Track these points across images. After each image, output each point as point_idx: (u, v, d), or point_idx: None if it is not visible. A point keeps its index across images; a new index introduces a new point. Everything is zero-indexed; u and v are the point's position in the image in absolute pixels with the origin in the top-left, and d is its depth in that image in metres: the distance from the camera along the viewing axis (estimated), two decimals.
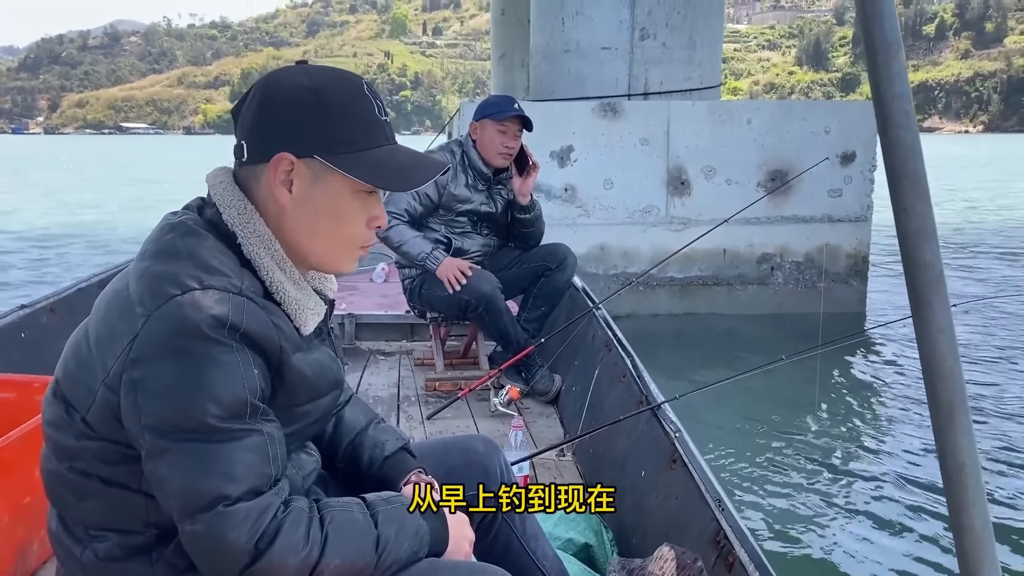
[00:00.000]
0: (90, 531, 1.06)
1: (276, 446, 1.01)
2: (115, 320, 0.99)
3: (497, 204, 3.29)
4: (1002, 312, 7.03)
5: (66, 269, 9.95)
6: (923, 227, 0.68)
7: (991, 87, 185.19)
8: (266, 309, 1.03)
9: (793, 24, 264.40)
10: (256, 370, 0.99)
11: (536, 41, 7.70)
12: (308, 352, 1.11)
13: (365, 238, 1.13)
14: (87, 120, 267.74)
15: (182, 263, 0.99)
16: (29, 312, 2.90)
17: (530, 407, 3.18)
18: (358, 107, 1.07)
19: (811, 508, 3.44)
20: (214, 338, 0.95)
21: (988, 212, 16.75)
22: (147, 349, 0.95)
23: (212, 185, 1.09)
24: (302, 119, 1.05)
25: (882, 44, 0.68)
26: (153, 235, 1.06)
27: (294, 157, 1.05)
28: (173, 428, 0.95)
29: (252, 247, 1.06)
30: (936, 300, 0.68)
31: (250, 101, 1.08)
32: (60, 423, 1.04)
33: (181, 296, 0.96)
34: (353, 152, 1.06)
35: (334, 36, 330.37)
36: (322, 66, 1.11)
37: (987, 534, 0.70)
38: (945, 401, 0.69)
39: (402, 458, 1.35)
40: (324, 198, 1.08)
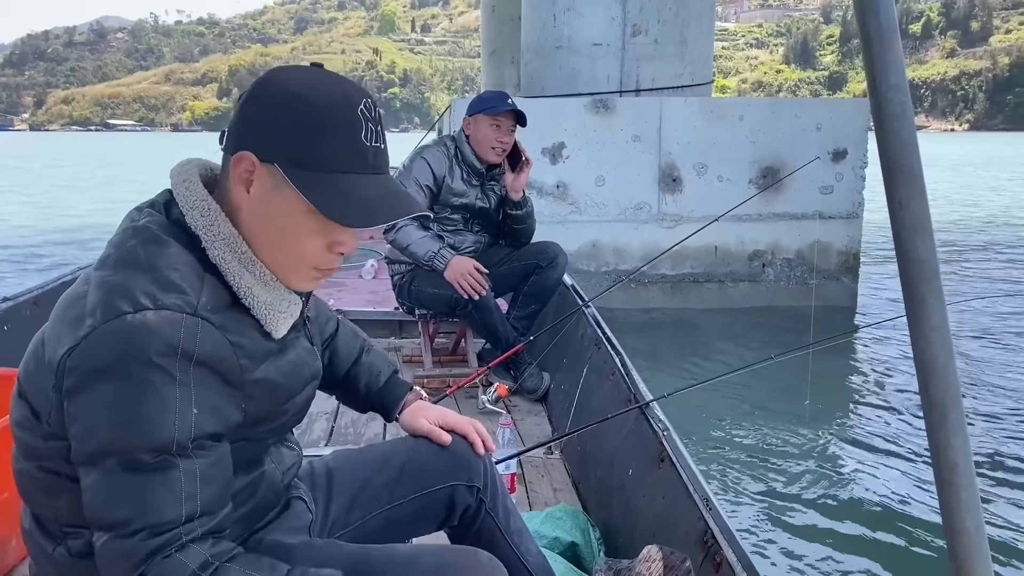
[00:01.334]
0: (64, 528, 1.04)
1: (196, 483, 0.95)
2: (67, 325, 0.95)
3: (490, 200, 3.28)
4: (996, 311, 7.05)
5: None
6: (918, 222, 0.67)
7: (976, 85, 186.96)
8: (223, 328, 0.98)
9: (781, 23, 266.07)
10: (195, 408, 0.94)
11: (527, 37, 7.67)
12: (280, 356, 1.08)
13: (323, 261, 1.06)
14: (73, 117, 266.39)
15: (139, 276, 0.95)
16: (12, 305, 2.87)
17: (518, 405, 3.18)
18: (343, 125, 1.00)
19: (800, 508, 3.43)
20: (159, 365, 0.91)
21: (988, 211, 16.84)
22: (86, 361, 0.91)
23: (175, 183, 1.04)
24: (276, 123, 0.99)
25: (877, 34, 0.66)
26: (116, 238, 1.01)
27: (256, 159, 0.99)
28: (96, 447, 0.92)
29: (217, 251, 1.01)
30: (931, 297, 0.67)
31: (244, 92, 1.04)
32: (26, 423, 1.02)
33: (132, 315, 0.92)
34: (319, 172, 0.98)
35: (322, 33, 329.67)
36: (329, 73, 1.05)
37: (980, 536, 0.69)
38: (938, 400, 0.68)
39: (395, 385, 1.46)
40: (279, 209, 1.01)
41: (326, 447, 2.62)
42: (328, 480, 1.34)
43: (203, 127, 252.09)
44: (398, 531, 1.38)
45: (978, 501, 0.69)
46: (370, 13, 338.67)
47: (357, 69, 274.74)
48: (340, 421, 2.93)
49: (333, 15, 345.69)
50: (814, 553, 3.09)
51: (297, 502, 1.25)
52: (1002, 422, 4.45)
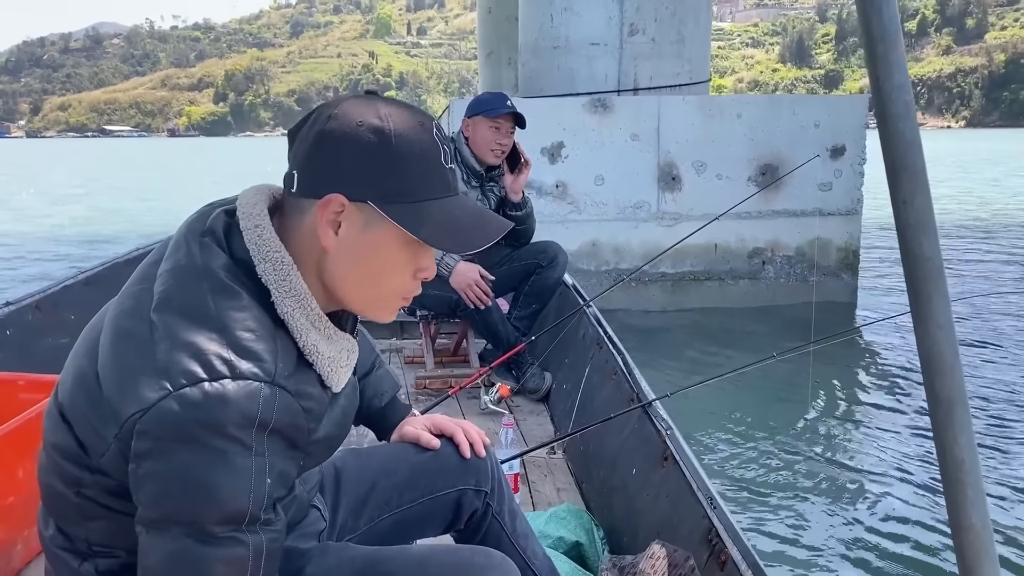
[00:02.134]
0: (94, 547, 1.03)
1: (260, 561, 0.94)
2: (132, 372, 0.91)
3: (490, 201, 3.28)
4: (1002, 307, 7.04)
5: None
6: (922, 220, 0.67)
7: (972, 82, 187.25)
8: (298, 393, 0.96)
9: (776, 22, 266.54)
10: (270, 478, 0.93)
11: (525, 38, 7.67)
12: (333, 407, 1.06)
13: (409, 289, 1.06)
14: (70, 123, 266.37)
15: (213, 336, 0.91)
16: (14, 309, 2.86)
17: (521, 405, 3.18)
18: (423, 154, 0.99)
19: (804, 505, 3.43)
20: (236, 438, 0.89)
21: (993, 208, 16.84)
22: (160, 428, 0.88)
23: (247, 228, 0.99)
24: (362, 161, 0.96)
25: (881, 33, 0.66)
26: (177, 274, 0.96)
27: (346, 200, 0.96)
28: (166, 514, 0.90)
29: (287, 308, 0.97)
30: (936, 295, 0.67)
31: (309, 128, 0.99)
32: (70, 453, 0.99)
33: (210, 384, 0.88)
34: (411, 203, 0.97)
35: (318, 37, 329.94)
36: (394, 101, 1.03)
37: (986, 532, 0.69)
38: (944, 397, 0.68)
39: (394, 408, 1.47)
40: (372, 246, 0.99)
41: None
42: (336, 482, 1.34)
43: (200, 132, 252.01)
44: (405, 534, 1.38)
45: (984, 498, 0.69)
46: (365, 16, 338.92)
47: (353, 73, 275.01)
48: None
49: (329, 19, 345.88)
50: (819, 550, 3.09)
51: (313, 510, 1.26)
52: (1008, 419, 4.44)
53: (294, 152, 1.00)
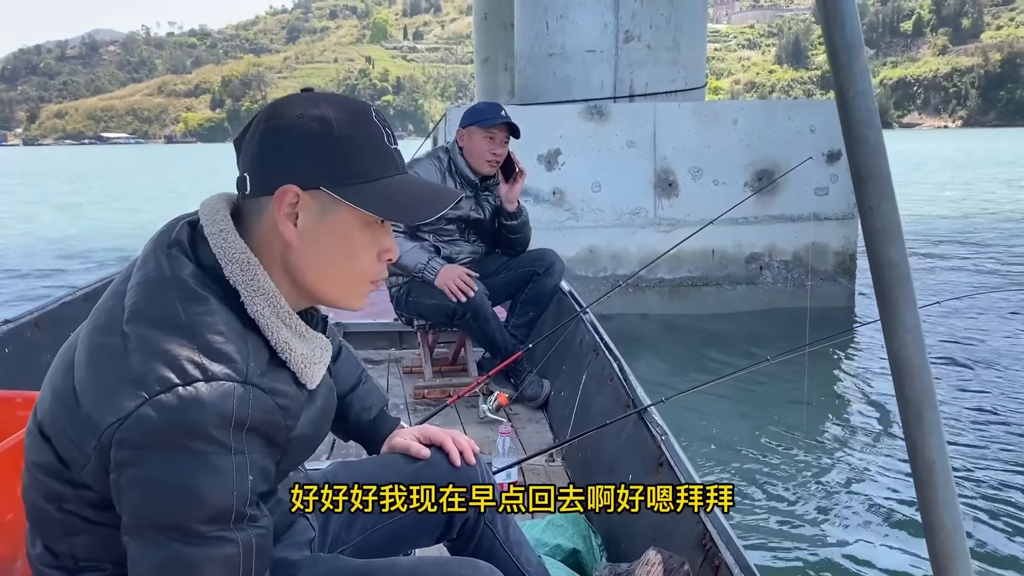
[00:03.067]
0: (80, 563, 1.03)
1: (251, 558, 0.95)
2: (108, 385, 0.92)
3: (485, 211, 3.29)
4: (972, 310, 7.04)
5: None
6: (888, 226, 0.67)
7: (969, 82, 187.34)
8: (272, 391, 0.98)
9: (772, 23, 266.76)
10: (251, 475, 0.94)
11: (521, 45, 7.69)
12: (311, 405, 1.08)
13: (376, 271, 1.08)
14: (67, 131, 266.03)
15: (184, 343, 0.92)
16: (13, 327, 2.86)
17: (519, 413, 3.18)
18: (366, 136, 1.02)
19: (797, 510, 3.43)
20: (215, 438, 0.90)
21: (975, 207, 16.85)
22: (138, 436, 0.89)
23: (211, 233, 1.01)
24: (308, 150, 0.99)
25: (843, 45, 0.68)
26: (146, 286, 0.97)
27: (299, 189, 0.99)
28: (152, 520, 0.91)
29: (257, 306, 1.00)
30: (903, 299, 0.68)
31: (253, 131, 1.03)
32: (51, 469, 0.99)
33: (184, 388, 0.90)
34: (362, 183, 1.00)
35: (315, 42, 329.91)
36: (329, 93, 1.06)
37: (958, 533, 0.70)
38: (913, 400, 0.69)
39: (383, 422, 1.47)
40: (332, 232, 1.02)
41: (327, 460, 2.62)
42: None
43: (197, 138, 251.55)
44: (398, 545, 1.39)
45: (955, 498, 0.70)
46: (362, 21, 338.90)
47: (350, 77, 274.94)
48: None
49: (325, 24, 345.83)
50: (812, 554, 3.09)
51: (301, 519, 1.26)
52: (979, 420, 4.44)
53: (242, 157, 1.03)
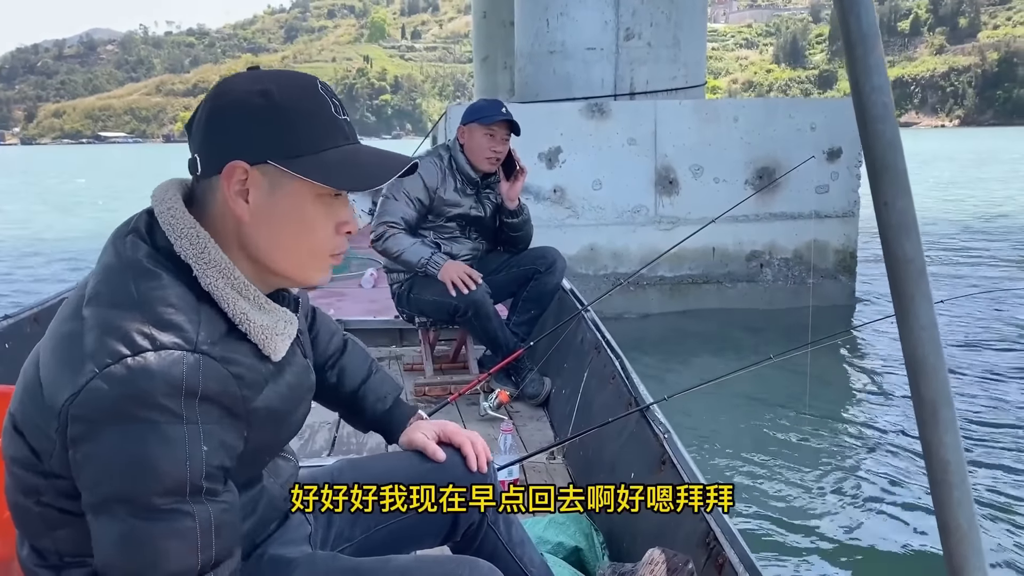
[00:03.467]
0: (65, 558, 1.03)
1: (211, 532, 0.94)
2: (64, 367, 0.93)
3: (486, 208, 3.28)
4: (988, 307, 7.05)
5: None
6: (904, 222, 0.67)
7: (966, 81, 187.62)
8: (225, 359, 0.97)
9: (770, 22, 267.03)
10: (206, 445, 0.93)
11: (521, 43, 7.68)
12: (278, 379, 1.06)
13: (334, 245, 1.07)
14: (64, 130, 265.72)
15: (134, 315, 0.93)
16: (13, 323, 2.87)
17: (520, 410, 3.17)
18: (312, 107, 1.01)
19: (801, 507, 3.43)
20: (165, 407, 0.90)
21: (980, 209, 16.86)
22: (89, 409, 0.89)
23: (160, 212, 1.01)
24: (253, 124, 0.99)
25: (859, 37, 0.67)
26: (103, 272, 0.98)
27: (247, 165, 0.98)
28: (107, 495, 0.91)
29: (209, 278, 0.99)
30: (918, 296, 0.67)
31: (200, 113, 1.03)
32: (25, 462, 0.99)
33: (132, 358, 0.89)
34: (309, 154, 1.00)
35: (312, 41, 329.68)
36: (273, 70, 1.06)
37: (973, 532, 0.69)
38: (929, 399, 0.68)
39: (399, 410, 1.45)
40: (284, 206, 1.01)
41: (329, 457, 2.61)
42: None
43: None
44: (401, 545, 1.37)
45: (971, 498, 0.69)
46: (360, 21, 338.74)
47: (348, 77, 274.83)
48: (342, 431, 2.93)
49: (323, 23, 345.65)
50: (816, 552, 3.09)
51: (295, 514, 1.25)
52: (994, 418, 4.44)
53: (191, 140, 1.03)
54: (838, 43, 43.42)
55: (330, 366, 1.41)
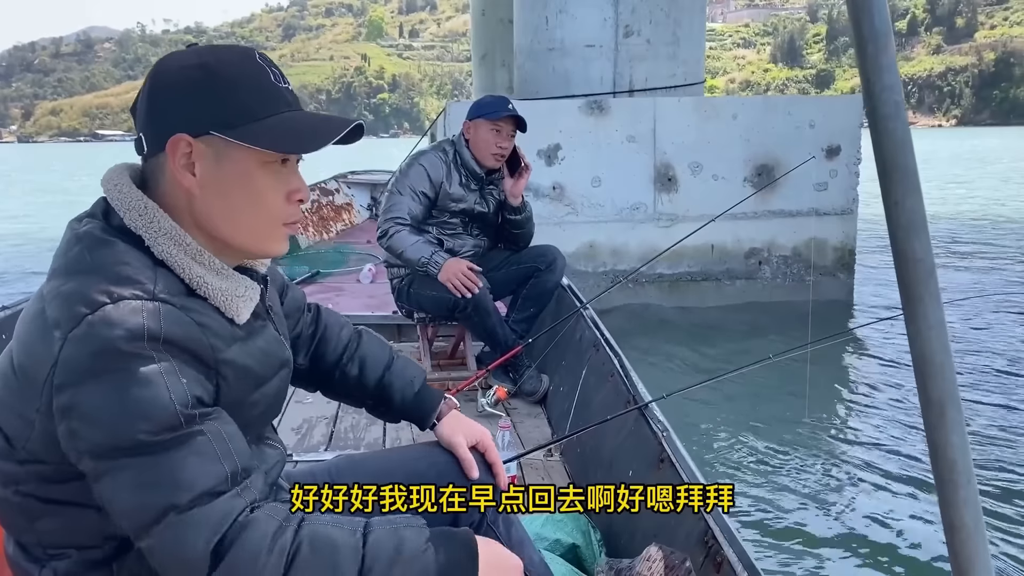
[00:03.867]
0: (48, 551, 1.03)
1: (226, 441, 0.95)
2: (36, 344, 0.94)
3: (489, 204, 3.29)
4: (995, 307, 7.05)
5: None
6: (913, 221, 0.67)
7: (963, 81, 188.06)
8: (185, 308, 0.97)
9: (767, 22, 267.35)
10: (183, 378, 0.94)
11: (520, 40, 7.67)
12: (248, 340, 1.06)
13: (287, 214, 1.07)
14: (62, 128, 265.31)
15: (91, 278, 0.94)
16: (9, 314, 2.85)
17: (518, 407, 3.17)
18: (251, 76, 1.02)
19: (800, 506, 3.43)
20: (132, 352, 0.90)
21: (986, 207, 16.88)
22: (68, 375, 0.90)
23: (108, 189, 1.03)
24: (191, 96, 0.99)
25: (871, 35, 0.66)
26: (60, 249, 1.00)
27: (190, 137, 0.99)
28: (109, 449, 0.91)
29: (161, 246, 1.00)
30: (927, 295, 0.67)
31: (141, 93, 1.03)
32: (0, 451, 1.00)
33: (92, 315, 0.90)
34: (251, 122, 1.00)
35: (310, 40, 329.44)
36: (210, 44, 1.07)
37: (979, 532, 0.69)
38: (936, 398, 0.68)
39: (428, 394, 1.41)
40: (231, 176, 1.02)
41: (326, 452, 2.61)
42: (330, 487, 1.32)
43: None
44: None
45: (977, 498, 0.69)
46: (358, 19, 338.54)
47: (346, 75, 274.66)
48: (340, 426, 2.92)
49: (321, 22, 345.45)
50: (814, 551, 3.09)
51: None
52: (1001, 419, 4.44)
53: (136, 121, 1.03)
54: (835, 42, 42.98)
55: (348, 358, 1.40)
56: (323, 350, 1.39)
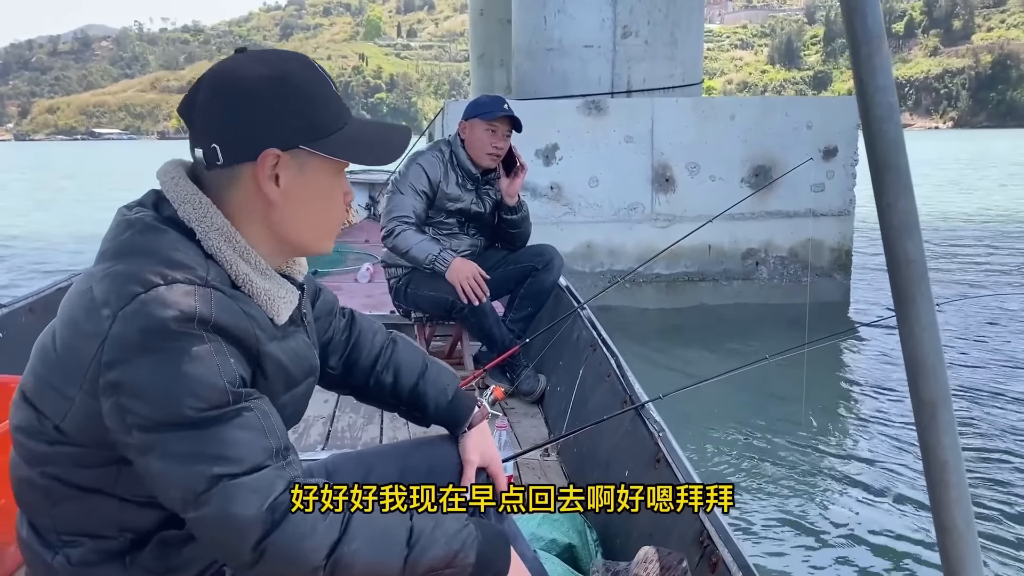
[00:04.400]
0: (62, 536, 1.04)
1: (271, 419, 0.99)
2: (82, 323, 0.96)
3: (485, 204, 3.28)
4: (987, 309, 7.07)
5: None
6: (906, 222, 0.67)
7: (960, 83, 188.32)
8: (235, 298, 1.00)
9: (765, 23, 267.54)
10: (232, 359, 0.97)
11: (518, 40, 7.67)
12: (284, 340, 1.09)
13: (344, 216, 1.15)
14: (58, 126, 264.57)
15: (144, 260, 0.96)
16: (8, 312, 2.86)
17: (515, 407, 3.17)
18: (323, 88, 1.06)
19: (795, 507, 3.44)
20: (183, 332, 0.93)
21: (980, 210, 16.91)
22: (119, 351, 0.93)
23: (164, 182, 1.05)
24: (278, 110, 1.02)
25: (865, 37, 0.67)
26: (110, 233, 1.02)
27: (280, 151, 1.02)
28: (158, 424, 0.93)
29: (212, 240, 1.02)
30: (919, 297, 0.67)
31: (209, 101, 1.03)
32: (31, 429, 1.02)
33: (145, 294, 0.93)
34: (331, 134, 1.05)
35: (308, 39, 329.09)
36: (269, 50, 1.09)
37: (970, 533, 0.69)
38: (928, 399, 0.68)
39: (462, 399, 1.42)
40: (311, 184, 1.06)
41: (323, 451, 2.61)
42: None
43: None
44: None
45: (968, 499, 0.69)
46: (355, 19, 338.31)
47: (344, 75, 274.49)
48: (337, 424, 2.92)
49: (319, 21, 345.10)
50: (810, 551, 3.09)
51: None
52: (992, 420, 4.45)
53: (201, 128, 1.04)
54: (832, 44, 43.15)
55: (383, 365, 1.40)
56: (356, 356, 1.40)
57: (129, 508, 1.01)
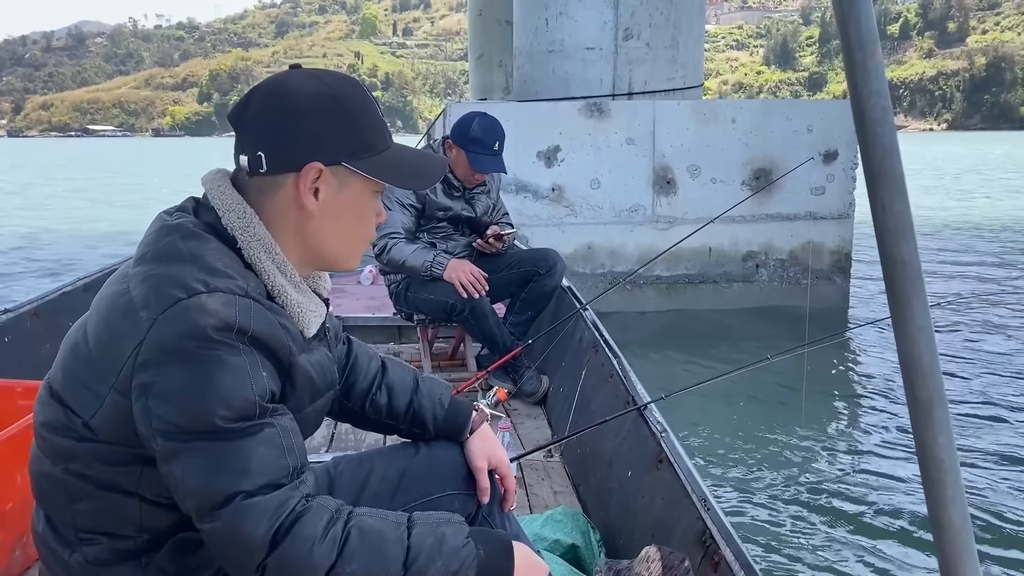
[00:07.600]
0: (80, 534, 1.05)
1: (291, 437, 1.01)
2: (118, 323, 0.98)
3: (475, 208, 3.31)
4: (981, 310, 7.10)
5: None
6: (901, 224, 0.67)
7: (954, 85, 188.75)
8: (272, 310, 1.02)
9: (760, 24, 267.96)
10: (264, 372, 0.99)
11: (520, 42, 7.67)
12: (311, 353, 1.12)
13: (373, 234, 1.18)
14: (52, 123, 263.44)
15: (186, 266, 0.98)
16: (12, 316, 2.84)
17: (518, 408, 3.18)
18: (372, 111, 1.10)
19: (797, 506, 3.45)
20: (221, 341, 0.95)
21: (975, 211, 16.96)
22: (155, 353, 0.94)
23: (210, 188, 1.08)
24: (328, 127, 1.06)
25: (858, 41, 0.67)
26: (150, 237, 1.04)
27: (323, 165, 1.05)
28: (183, 431, 0.94)
29: (253, 251, 1.05)
30: (914, 298, 0.68)
31: (261, 110, 1.06)
32: (57, 425, 1.03)
33: (187, 300, 0.95)
34: (374, 155, 1.09)
35: (303, 37, 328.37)
36: (322, 70, 1.12)
37: (966, 531, 0.70)
38: (924, 399, 0.69)
39: (459, 406, 1.43)
40: (348, 201, 1.10)
41: (326, 453, 2.61)
42: (330, 487, 1.35)
43: (184, 132, 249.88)
44: None
45: (964, 496, 0.70)
46: (351, 17, 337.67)
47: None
48: (340, 427, 2.93)
49: (314, 19, 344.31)
50: (811, 551, 3.10)
51: None
52: (987, 418, 4.47)
53: (249, 135, 1.06)
54: (828, 45, 43.20)
55: (377, 387, 1.41)
56: (354, 379, 1.40)
57: (149, 508, 1.02)
